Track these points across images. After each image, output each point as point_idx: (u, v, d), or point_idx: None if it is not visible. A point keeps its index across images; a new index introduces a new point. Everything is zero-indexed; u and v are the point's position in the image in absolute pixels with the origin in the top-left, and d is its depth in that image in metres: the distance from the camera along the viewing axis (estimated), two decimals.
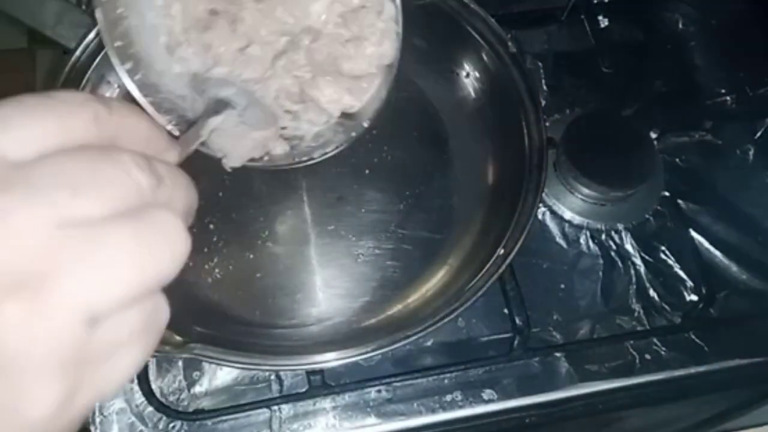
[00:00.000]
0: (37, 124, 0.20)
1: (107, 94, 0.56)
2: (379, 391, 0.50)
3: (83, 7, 0.60)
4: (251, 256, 0.54)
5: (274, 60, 0.41)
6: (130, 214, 0.20)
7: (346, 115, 0.42)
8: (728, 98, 0.64)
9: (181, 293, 0.42)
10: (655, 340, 0.52)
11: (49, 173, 0.19)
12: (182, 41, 0.41)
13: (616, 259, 0.56)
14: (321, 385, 0.49)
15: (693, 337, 0.53)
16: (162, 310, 0.22)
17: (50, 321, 0.18)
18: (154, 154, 0.23)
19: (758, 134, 0.61)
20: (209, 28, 0.41)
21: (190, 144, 0.32)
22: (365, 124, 0.41)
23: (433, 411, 0.50)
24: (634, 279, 0.55)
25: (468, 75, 0.58)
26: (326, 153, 0.41)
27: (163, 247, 0.20)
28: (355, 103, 0.41)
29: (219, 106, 0.37)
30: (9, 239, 0.18)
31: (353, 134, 0.41)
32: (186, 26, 0.41)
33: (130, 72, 0.39)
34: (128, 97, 0.38)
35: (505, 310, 0.52)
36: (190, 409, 0.49)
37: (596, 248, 0.56)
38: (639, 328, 0.54)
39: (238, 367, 0.50)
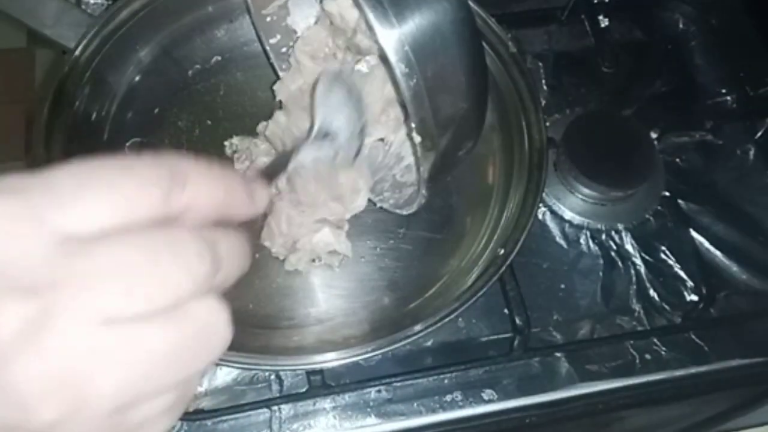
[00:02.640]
0: (105, 202, 0.20)
1: (108, 97, 0.56)
2: (379, 391, 0.50)
3: (83, 7, 0.60)
4: (252, 257, 0.53)
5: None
6: (178, 311, 0.20)
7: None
8: (728, 98, 0.64)
9: None
10: (655, 340, 0.52)
11: (104, 263, 0.19)
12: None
13: (616, 259, 0.56)
14: (321, 385, 0.49)
15: (693, 337, 0.53)
16: (194, 387, 0.23)
17: (87, 418, 0.19)
18: (228, 215, 0.23)
19: (758, 134, 0.61)
20: None
21: (275, 175, 0.32)
22: None
23: (433, 411, 0.49)
24: (634, 279, 0.55)
25: None
26: None
27: (206, 346, 0.21)
28: None
29: (322, 137, 0.39)
30: (55, 345, 0.18)
31: None
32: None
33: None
34: None
35: (505, 310, 0.52)
36: (190, 409, 0.49)
37: (596, 248, 0.56)
38: (639, 328, 0.54)
39: (238, 367, 0.50)
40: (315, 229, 0.51)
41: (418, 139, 0.35)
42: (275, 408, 0.49)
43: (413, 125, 0.34)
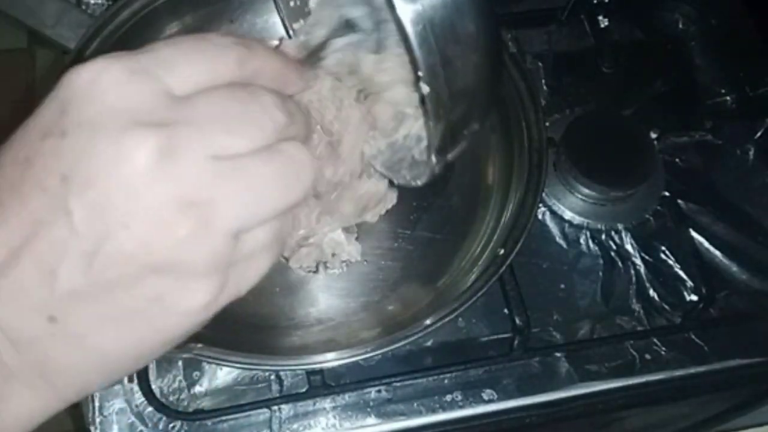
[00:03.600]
0: (195, 65, 0.24)
1: None
2: (379, 391, 0.50)
3: (83, 7, 0.60)
4: None
5: None
6: (269, 148, 0.24)
7: None
8: (728, 98, 0.64)
9: None
10: (655, 340, 0.52)
11: (206, 111, 0.23)
12: None
13: (616, 259, 0.56)
14: (321, 385, 0.49)
15: (693, 337, 0.53)
16: (288, 226, 0.27)
17: (210, 236, 0.23)
18: (284, 86, 0.27)
19: (758, 134, 0.61)
20: None
21: (311, 65, 0.35)
22: None
23: (433, 411, 0.49)
24: (634, 279, 0.55)
25: None
26: None
27: (296, 176, 0.25)
28: None
29: (344, 28, 0.40)
30: (178, 169, 0.22)
31: None
32: None
33: None
34: None
35: (505, 310, 0.52)
36: (190, 409, 0.49)
37: (596, 248, 0.56)
38: (639, 328, 0.54)
39: (238, 367, 0.50)
40: (325, 231, 0.51)
41: (430, 107, 0.36)
42: (275, 408, 0.49)
43: (426, 94, 0.35)
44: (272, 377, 0.51)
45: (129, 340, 0.24)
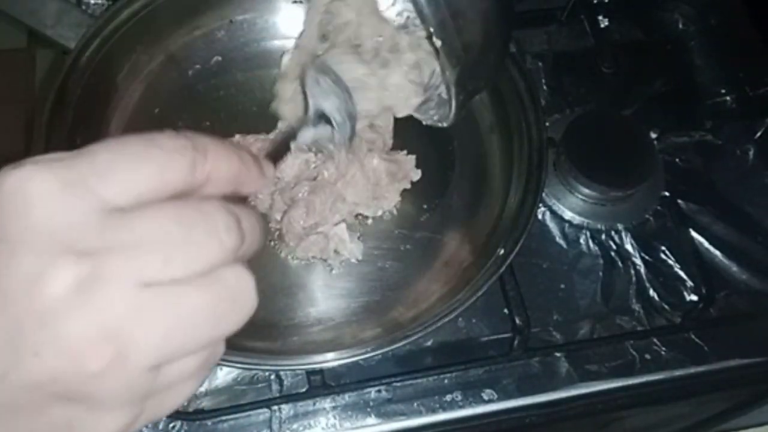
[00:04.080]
0: (139, 174, 0.22)
1: (108, 98, 0.56)
2: (379, 391, 0.50)
3: (83, 7, 0.60)
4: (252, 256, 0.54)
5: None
6: (208, 275, 0.22)
7: None
8: (728, 98, 0.64)
9: None
10: (655, 340, 0.52)
11: (144, 234, 0.21)
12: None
13: (616, 259, 0.56)
14: (321, 385, 0.49)
15: (693, 337, 0.53)
16: (219, 352, 0.24)
17: (126, 371, 0.21)
18: (241, 187, 0.25)
19: (758, 134, 0.61)
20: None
21: (279, 158, 0.35)
22: None
23: (433, 411, 0.49)
24: (634, 279, 0.55)
25: None
26: None
27: (233, 308, 0.23)
28: None
29: (317, 120, 0.41)
30: (99, 299, 0.20)
31: None
32: None
33: None
34: None
35: (505, 310, 0.52)
36: (190, 409, 0.49)
37: (596, 248, 0.56)
38: (639, 328, 0.54)
39: (238, 367, 0.50)
40: (335, 221, 0.52)
41: (444, 59, 0.38)
42: (275, 408, 0.49)
43: (439, 47, 0.37)
44: (272, 377, 0.51)
45: None
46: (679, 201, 0.58)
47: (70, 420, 0.22)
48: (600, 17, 0.65)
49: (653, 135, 0.59)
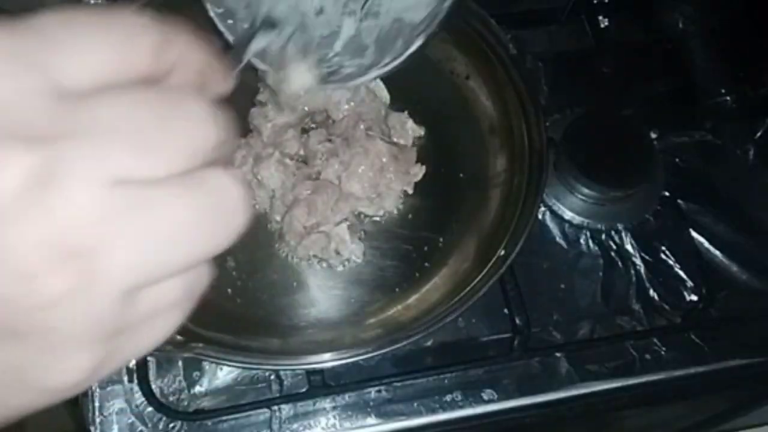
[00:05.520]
0: (96, 50, 0.17)
1: None
2: (379, 391, 0.50)
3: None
4: (252, 256, 0.54)
5: None
6: (190, 177, 0.17)
7: None
8: (728, 98, 0.64)
9: None
10: (655, 340, 0.52)
11: (108, 119, 0.16)
12: None
13: (616, 259, 0.56)
14: (321, 385, 0.49)
15: (693, 337, 0.53)
16: (204, 277, 0.20)
17: (95, 296, 0.16)
18: (210, 84, 0.21)
19: (758, 134, 0.61)
20: None
21: (232, 70, 0.32)
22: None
23: (433, 411, 0.50)
24: (634, 279, 0.55)
25: (468, 77, 0.58)
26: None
27: (222, 218, 0.18)
28: None
29: (265, 26, 0.38)
30: (58, 201, 0.15)
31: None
32: None
33: None
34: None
35: (505, 310, 0.52)
36: (190, 409, 0.49)
37: (596, 248, 0.56)
38: (639, 328, 0.54)
39: (238, 367, 0.50)
40: (337, 220, 0.52)
41: None
42: (275, 408, 0.49)
43: None
44: (272, 377, 0.51)
45: None
46: (679, 201, 0.58)
47: (18, 363, 0.17)
48: (600, 17, 0.65)
49: (653, 135, 0.59)
